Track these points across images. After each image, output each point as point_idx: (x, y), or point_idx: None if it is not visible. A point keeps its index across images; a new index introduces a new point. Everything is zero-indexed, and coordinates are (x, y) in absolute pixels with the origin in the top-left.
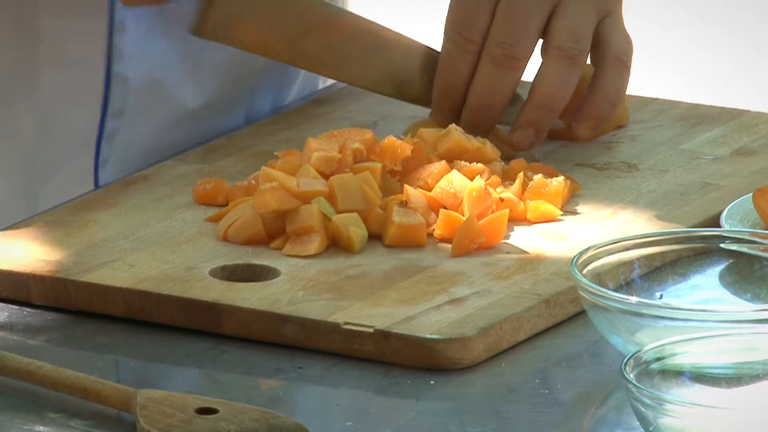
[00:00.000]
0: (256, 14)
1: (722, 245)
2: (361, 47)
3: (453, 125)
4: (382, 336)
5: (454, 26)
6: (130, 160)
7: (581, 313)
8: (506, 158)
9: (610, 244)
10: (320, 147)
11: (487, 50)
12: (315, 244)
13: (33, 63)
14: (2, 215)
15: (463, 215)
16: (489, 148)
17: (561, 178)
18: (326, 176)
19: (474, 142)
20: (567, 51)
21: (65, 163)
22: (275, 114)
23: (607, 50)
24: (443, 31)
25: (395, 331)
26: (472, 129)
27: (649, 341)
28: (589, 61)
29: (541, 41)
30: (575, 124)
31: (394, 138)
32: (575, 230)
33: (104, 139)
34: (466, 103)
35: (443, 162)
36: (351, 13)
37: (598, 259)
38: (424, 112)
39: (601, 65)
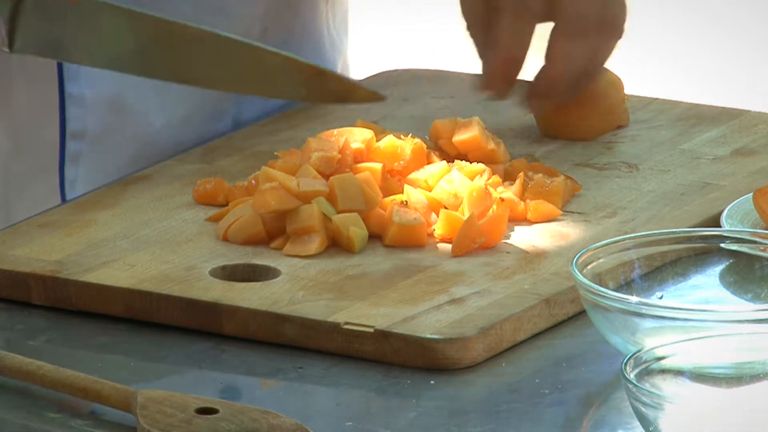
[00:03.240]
0: (63, 28)
1: (722, 245)
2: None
3: (476, 118)
4: (382, 336)
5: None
6: (104, 181)
7: (581, 313)
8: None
9: (610, 244)
10: (320, 147)
11: (567, 21)
12: (315, 244)
13: (8, 77)
14: None
15: (463, 215)
16: (501, 151)
17: (561, 178)
18: (326, 176)
19: (490, 143)
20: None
21: (37, 178)
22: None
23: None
24: (497, 6)
25: (395, 331)
26: (541, 96)
27: (649, 341)
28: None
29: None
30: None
31: (394, 138)
32: (575, 230)
33: (68, 161)
34: (544, 75)
35: (443, 162)
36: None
37: (598, 259)
38: (425, 110)
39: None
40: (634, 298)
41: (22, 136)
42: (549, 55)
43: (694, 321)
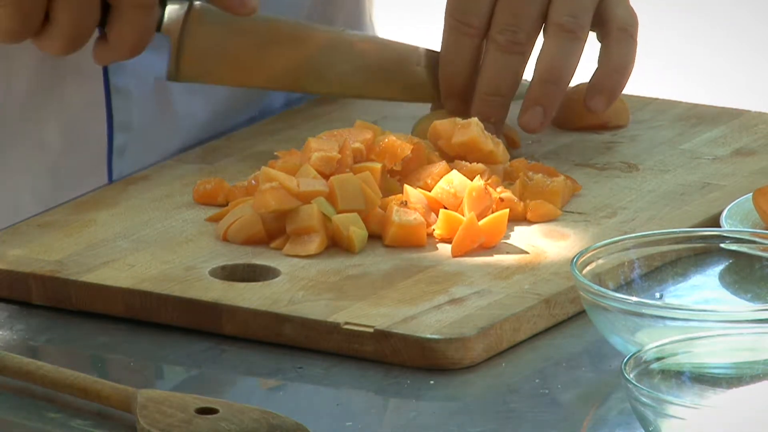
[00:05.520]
0: (229, 49)
1: (722, 245)
2: (350, 57)
3: (475, 119)
4: (382, 336)
5: (452, 12)
6: None
7: (581, 313)
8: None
9: (610, 244)
10: (320, 147)
11: (491, 37)
12: (315, 244)
13: (59, 73)
14: None
15: (463, 215)
16: (501, 151)
17: (561, 178)
18: (326, 176)
19: (489, 143)
20: (565, 25)
21: (88, 173)
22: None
23: (611, 23)
24: (444, 19)
25: (395, 331)
26: (484, 118)
27: (649, 341)
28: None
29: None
30: (589, 98)
31: (394, 138)
32: (575, 230)
33: (115, 154)
34: (476, 92)
35: (443, 162)
36: (322, 26)
37: (598, 259)
38: (424, 110)
39: (606, 37)
40: (634, 298)
41: (72, 133)
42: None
43: (694, 321)
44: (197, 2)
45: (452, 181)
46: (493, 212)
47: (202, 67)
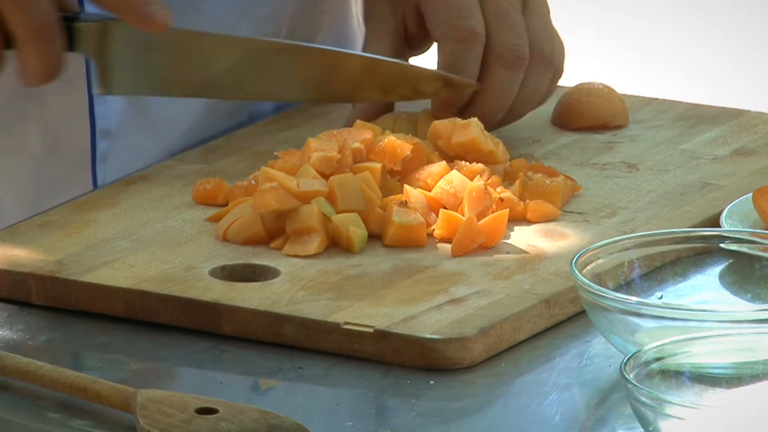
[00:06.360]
0: (148, 64)
1: (722, 245)
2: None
3: (475, 119)
4: (382, 336)
5: (453, 27)
6: None
7: (581, 313)
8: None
9: (610, 244)
10: (320, 147)
11: (497, 55)
12: (315, 244)
13: None
14: None
15: (463, 215)
16: (500, 151)
17: (561, 178)
18: (326, 176)
19: (489, 144)
20: (506, 57)
21: (70, 180)
22: (277, 113)
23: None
24: (437, 38)
25: (395, 331)
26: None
27: (649, 341)
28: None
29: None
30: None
31: (394, 138)
32: (575, 230)
33: (98, 161)
34: (479, 108)
35: (443, 162)
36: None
37: (598, 259)
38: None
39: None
40: (633, 298)
41: (55, 138)
42: (483, 85)
43: (694, 321)
44: (112, 20)
45: (452, 181)
46: (493, 212)
47: (127, 82)
